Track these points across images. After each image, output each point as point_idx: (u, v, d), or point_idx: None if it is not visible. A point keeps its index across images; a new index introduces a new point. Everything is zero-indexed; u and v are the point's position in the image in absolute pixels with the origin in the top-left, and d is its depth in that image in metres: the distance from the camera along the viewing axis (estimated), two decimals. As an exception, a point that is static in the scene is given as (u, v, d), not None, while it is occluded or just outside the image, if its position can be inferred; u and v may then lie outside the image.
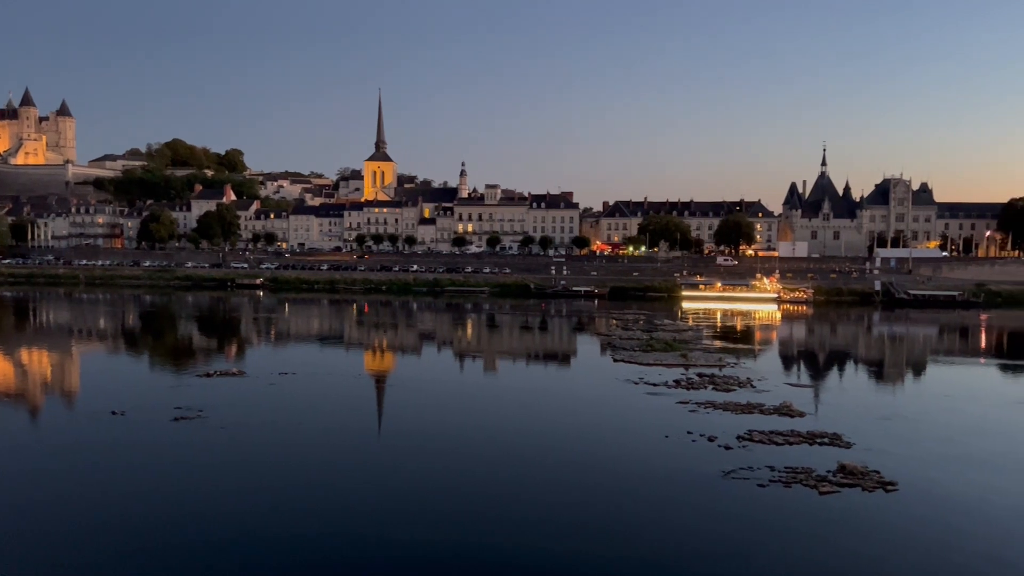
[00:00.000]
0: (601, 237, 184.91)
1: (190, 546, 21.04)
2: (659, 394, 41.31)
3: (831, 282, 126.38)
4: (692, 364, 51.09)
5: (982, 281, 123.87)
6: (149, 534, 21.76)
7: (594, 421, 36.27)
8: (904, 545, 21.47)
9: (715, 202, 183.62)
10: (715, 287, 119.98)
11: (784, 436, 31.75)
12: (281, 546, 21.10)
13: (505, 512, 23.89)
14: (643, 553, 20.92)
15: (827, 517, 23.47)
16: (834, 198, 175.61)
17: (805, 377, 52.13)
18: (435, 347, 69.40)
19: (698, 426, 33.70)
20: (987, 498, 25.38)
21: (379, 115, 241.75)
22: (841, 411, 38.54)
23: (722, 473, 27.03)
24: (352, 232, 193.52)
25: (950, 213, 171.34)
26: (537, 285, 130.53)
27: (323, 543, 21.29)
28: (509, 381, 50.04)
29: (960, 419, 37.62)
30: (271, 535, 21.86)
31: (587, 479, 27.22)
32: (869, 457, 28.78)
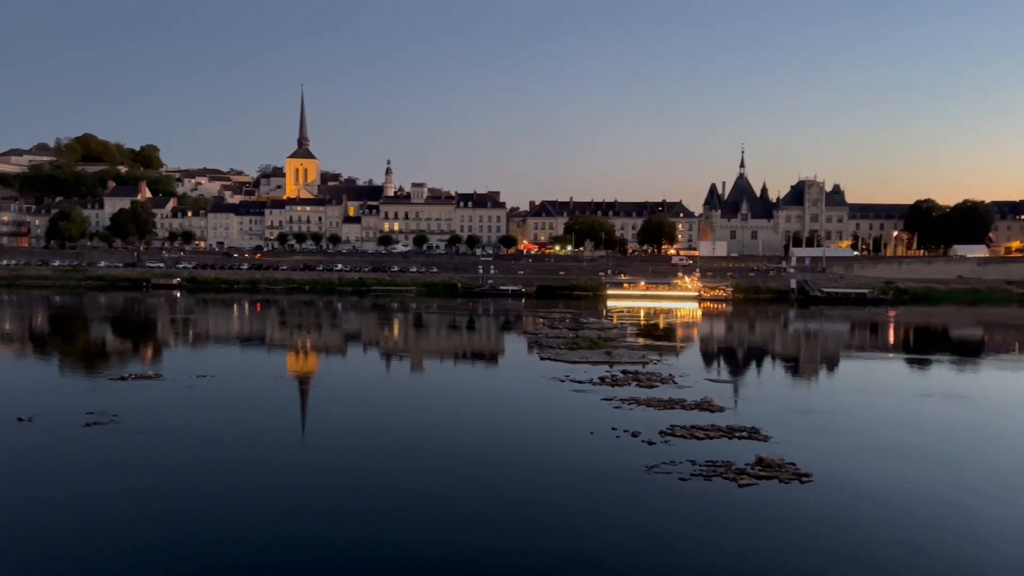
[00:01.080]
0: (528, 236, 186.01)
1: (101, 555, 20.19)
2: (585, 391, 41.77)
3: (749, 280, 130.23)
4: (617, 361, 51.85)
5: (890, 279, 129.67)
6: (59, 543, 20.79)
7: (521, 418, 36.41)
8: (819, 534, 22.24)
9: (638, 202, 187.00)
10: (639, 286, 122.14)
11: (705, 431, 32.51)
12: (198, 553, 20.46)
13: (432, 510, 23.74)
14: (570, 547, 21.08)
15: (746, 509, 24.13)
16: (752, 199, 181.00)
17: (725, 373, 53.54)
18: (361, 347, 68.55)
19: (622, 422, 34.20)
20: (898, 487, 26.50)
21: (302, 111, 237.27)
22: (759, 405, 39.70)
23: (645, 468, 27.49)
24: (274, 231, 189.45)
25: (861, 214, 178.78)
26: (464, 284, 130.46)
27: (243, 548, 20.74)
28: (436, 380, 49.81)
29: (871, 412, 39.23)
30: (188, 542, 21.17)
31: (514, 476, 27.29)
32: (785, 450, 29.71)
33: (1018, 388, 49.96)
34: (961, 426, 36.30)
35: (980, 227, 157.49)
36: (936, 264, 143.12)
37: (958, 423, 36.96)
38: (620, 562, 20.31)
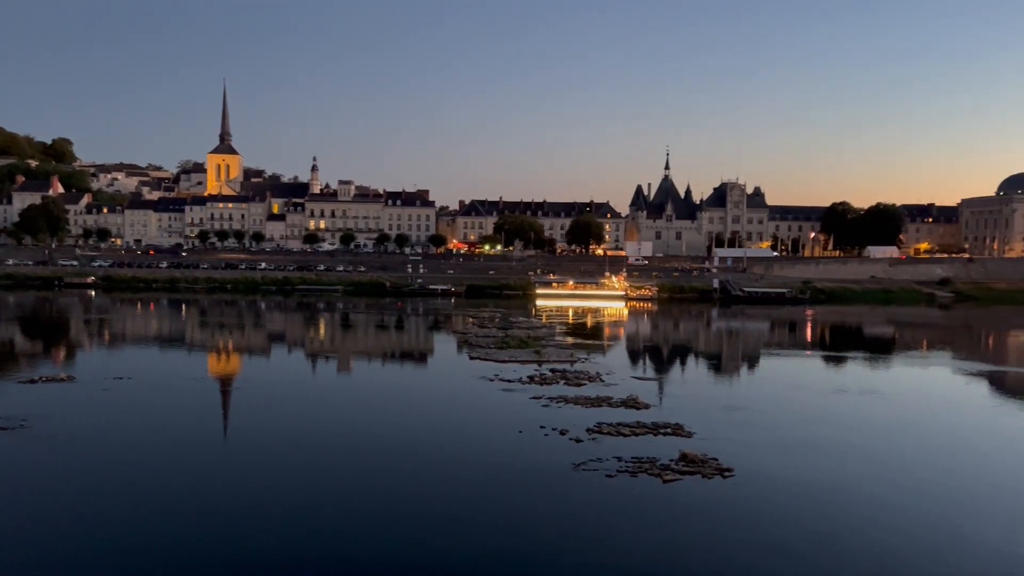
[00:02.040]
0: (458, 235, 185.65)
1: (9, 564, 19.24)
2: (514, 390, 41.94)
3: (674, 280, 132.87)
4: (545, 360, 52.22)
5: (808, 279, 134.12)
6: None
7: (450, 418, 36.32)
8: (740, 527, 22.86)
9: (567, 203, 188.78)
10: (567, 285, 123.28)
11: (631, 428, 33.05)
12: (110, 561, 19.71)
13: (358, 510, 23.44)
14: (498, 544, 21.12)
15: (670, 504, 24.64)
16: (676, 200, 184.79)
17: (650, 371, 54.52)
18: (286, 348, 67.23)
19: (551, 420, 34.46)
20: (815, 480, 27.47)
21: (224, 106, 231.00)
22: (683, 402, 40.59)
23: (573, 465, 27.77)
24: (194, 228, 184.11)
25: (780, 216, 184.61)
26: (393, 283, 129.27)
27: (161, 555, 20.07)
28: (364, 381, 49.24)
29: (791, 407, 40.58)
30: (100, 549, 20.37)
31: (443, 475, 27.21)
32: (708, 445, 30.44)
33: (927, 384, 52.38)
34: (875, 421, 37.85)
35: (892, 229, 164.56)
36: (850, 265, 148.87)
37: (872, 418, 38.52)
38: (548, 558, 20.45)
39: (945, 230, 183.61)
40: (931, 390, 49.41)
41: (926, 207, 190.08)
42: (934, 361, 64.91)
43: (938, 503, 25.36)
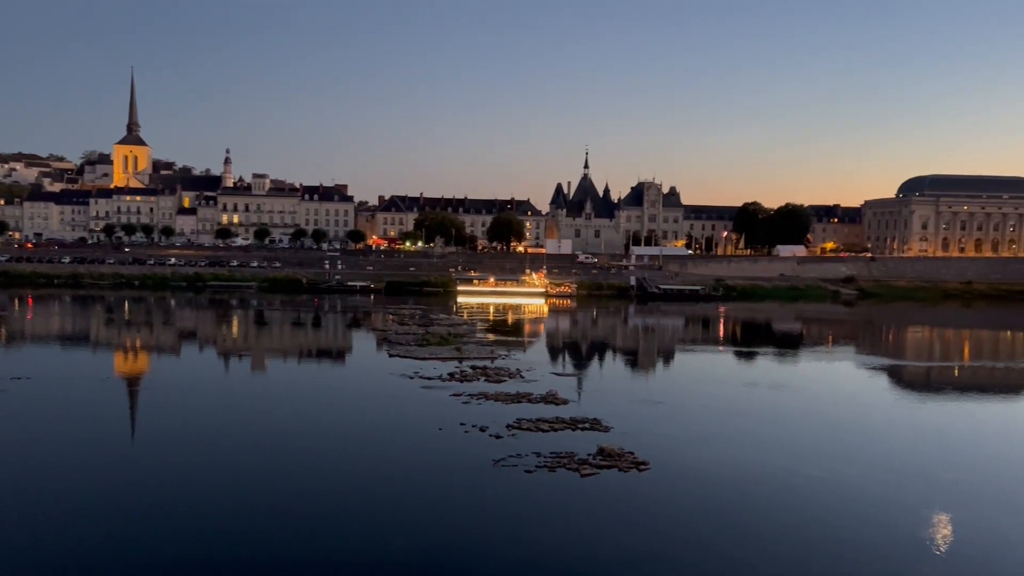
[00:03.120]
0: (377, 231, 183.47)
1: None
2: (434, 387, 41.71)
3: (593, 277, 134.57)
4: (466, 357, 52.14)
5: (721, 277, 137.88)
6: None
7: (369, 416, 35.86)
8: (655, 519, 23.33)
9: (488, 200, 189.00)
10: (489, 282, 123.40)
11: (550, 423, 33.31)
12: (12, 568, 18.64)
13: (274, 509, 22.87)
14: (418, 542, 20.95)
15: (588, 498, 24.94)
16: (595, 199, 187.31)
17: (570, 367, 55.11)
18: (197, 346, 65.10)
19: (471, 417, 34.42)
20: (728, 472, 28.25)
21: (132, 95, 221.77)
22: (601, 397, 41.17)
23: (493, 461, 27.80)
24: (100, 222, 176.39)
25: (695, 215, 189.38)
26: (310, 280, 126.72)
27: (68, 558, 19.10)
28: (279, 379, 48.11)
29: (704, 401, 41.65)
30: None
31: (362, 474, 26.84)
32: (625, 440, 30.95)
33: (833, 377, 54.58)
34: (785, 413, 39.25)
35: (800, 229, 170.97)
36: (761, 263, 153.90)
37: (782, 410, 39.94)
38: (468, 555, 20.40)
39: (850, 230, 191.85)
40: (837, 383, 51.52)
41: (832, 208, 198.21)
42: (839, 356, 67.73)
43: (846, 491, 26.43)
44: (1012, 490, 27.05)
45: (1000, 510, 24.71)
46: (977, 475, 28.65)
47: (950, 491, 26.54)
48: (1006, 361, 66.96)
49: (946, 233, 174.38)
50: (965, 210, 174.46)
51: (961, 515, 24.00)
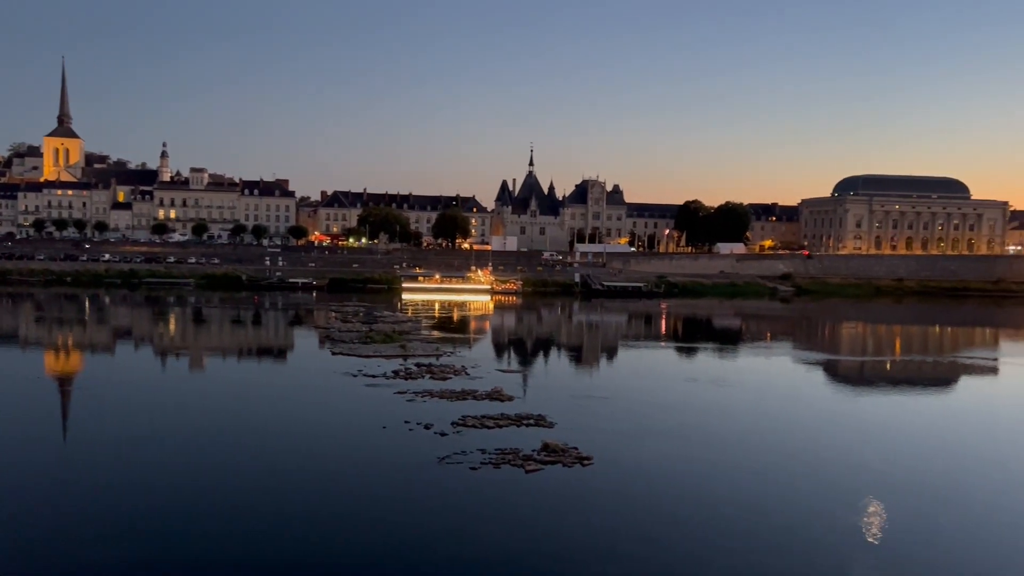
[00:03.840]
0: (320, 227, 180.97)
1: None
2: (378, 385, 41.37)
3: (538, 274, 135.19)
4: (411, 355, 51.84)
5: (663, 274, 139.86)
6: None
7: (312, 415, 35.37)
8: (597, 513, 23.56)
9: (433, 196, 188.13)
10: (434, 279, 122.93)
11: (495, 420, 33.36)
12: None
13: (214, 510, 22.39)
14: (362, 541, 20.76)
15: (532, 494, 25.04)
16: (540, 196, 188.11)
17: (515, 363, 55.27)
18: (132, 345, 63.31)
19: (415, 415, 34.24)
20: (669, 465, 28.71)
21: (63, 86, 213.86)
22: (546, 393, 41.41)
23: (438, 459, 27.70)
24: (29, 216, 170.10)
25: (637, 213, 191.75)
26: (250, 277, 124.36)
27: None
28: (219, 378, 47.09)
29: (647, 396, 42.23)
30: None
31: (304, 474, 26.46)
32: (569, 435, 31.16)
33: (770, 372, 55.86)
34: (724, 407, 40.02)
35: (739, 227, 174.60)
36: (702, 260, 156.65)
37: (722, 405, 40.71)
38: (412, 552, 20.29)
39: (787, 228, 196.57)
40: (775, 378, 52.74)
41: (770, 206, 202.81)
42: (777, 351, 69.38)
43: (785, 482, 27.12)
44: (943, 480, 28.11)
45: (932, 500, 25.66)
46: (910, 466, 29.66)
47: (885, 481, 27.41)
48: (935, 355, 69.51)
49: (879, 231, 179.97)
50: (897, 209, 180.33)
51: (895, 504, 24.81)
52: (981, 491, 26.72)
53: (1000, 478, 28.38)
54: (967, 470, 29.50)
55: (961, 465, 30.19)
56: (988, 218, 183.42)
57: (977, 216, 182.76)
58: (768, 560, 20.52)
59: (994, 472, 29.26)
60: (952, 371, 57.47)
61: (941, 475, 28.74)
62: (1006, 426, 37.73)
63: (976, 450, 32.72)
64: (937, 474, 28.86)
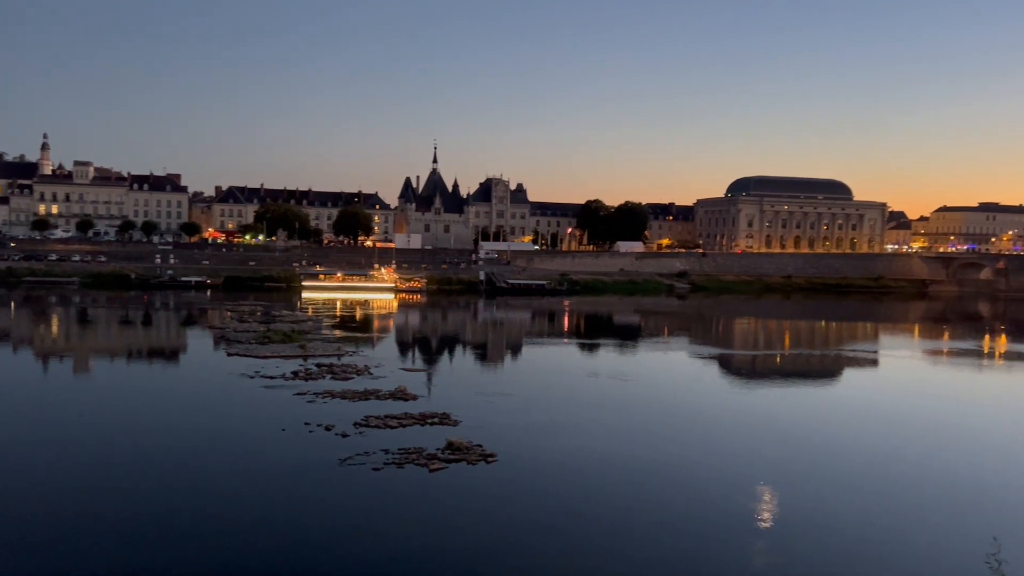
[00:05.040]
0: (214, 224, 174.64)
1: None
2: (276, 387, 40.25)
3: (442, 272, 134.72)
4: (311, 355, 50.69)
5: (565, 271, 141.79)
6: None
7: (206, 419, 34.06)
8: (502, 509, 23.64)
9: (334, 192, 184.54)
10: (336, 277, 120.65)
11: (398, 419, 33.01)
12: None
13: (108, 519, 21.22)
14: (262, 544, 20.13)
15: (436, 492, 24.88)
16: (445, 194, 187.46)
17: (419, 362, 54.86)
18: (10, 347, 59.38)
19: (316, 416, 33.49)
20: (571, 460, 29.08)
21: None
22: (450, 391, 41.25)
23: (339, 461, 27.18)
24: None
25: (541, 212, 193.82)
26: (139, 275, 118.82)
27: None
28: (107, 382, 44.73)
29: (550, 392, 42.67)
30: None
31: (199, 479, 25.45)
32: (474, 433, 31.15)
33: (668, 366, 57.46)
34: (625, 402, 40.89)
35: (638, 226, 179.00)
36: (603, 258, 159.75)
37: (622, 399, 41.58)
38: (313, 554, 19.80)
39: (683, 227, 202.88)
40: (672, 372, 54.29)
41: (667, 206, 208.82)
42: (674, 346, 71.45)
43: (684, 472, 27.94)
44: (831, 465, 29.55)
45: (821, 485, 26.93)
46: (800, 454, 31.06)
47: (778, 468, 28.63)
48: (821, 349, 73.12)
49: (769, 231, 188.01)
50: (785, 209, 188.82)
51: (787, 491, 25.97)
52: (866, 476, 28.24)
53: (882, 463, 30.06)
54: (853, 457, 31.08)
55: (847, 452, 31.79)
56: (869, 218, 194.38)
57: (859, 216, 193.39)
58: (669, 547, 21.06)
59: (877, 458, 30.95)
60: (837, 364, 60.59)
61: (829, 462, 30.18)
62: (886, 415, 40.00)
63: (860, 438, 34.53)
64: (825, 461, 30.30)
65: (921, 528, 23.15)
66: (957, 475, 28.80)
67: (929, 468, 29.61)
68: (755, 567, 20.41)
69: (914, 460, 30.66)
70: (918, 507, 25.06)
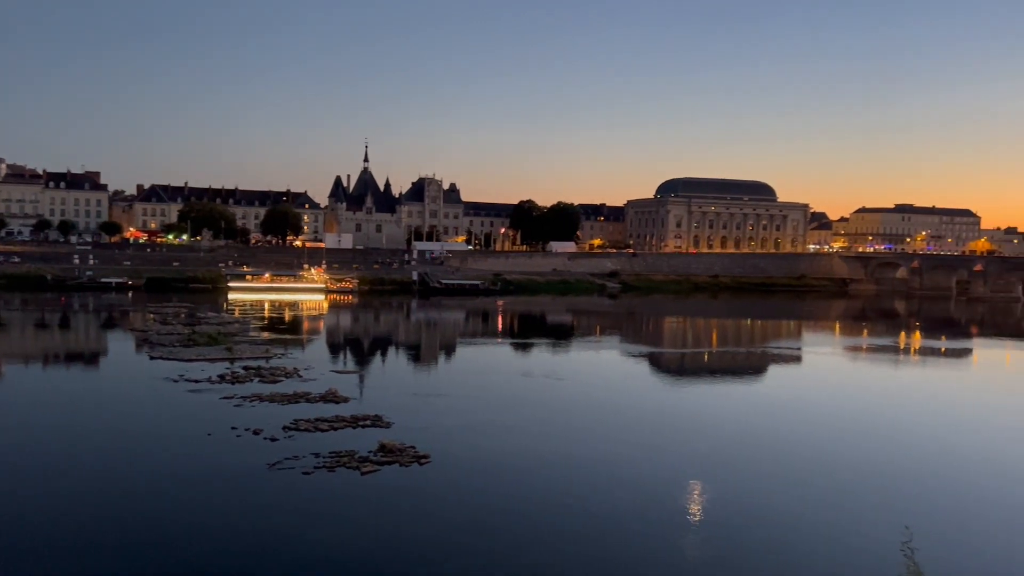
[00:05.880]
0: (136, 223, 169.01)
1: None
2: (202, 391, 39.16)
3: (374, 272, 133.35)
4: (238, 357, 49.50)
5: (499, 271, 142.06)
6: None
7: (128, 424, 32.89)
8: (435, 510, 23.49)
9: (262, 191, 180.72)
10: (264, 278, 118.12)
11: (329, 422, 32.49)
12: None
13: (26, 528, 20.24)
14: (187, 553, 19.52)
15: (369, 495, 24.60)
16: (376, 193, 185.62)
17: (351, 363, 54.16)
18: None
19: (244, 420, 32.70)
20: (505, 459, 29.12)
21: None
22: (383, 393, 40.84)
23: (268, 465, 26.59)
24: None
25: (474, 212, 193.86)
26: (56, 276, 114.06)
27: None
28: (19, 387, 42.72)
29: (483, 392, 42.65)
30: None
31: (121, 484, 24.55)
32: (407, 434, 30.89)
33: (600, 365, 58.12)
34: (559, 400, 41.18)
35: (571, 226, 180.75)
36: (536, 258, 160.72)
37: (556, 397, 41.88)
38: (242, 561, 19.32)
39: (615, 227, 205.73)
40: (604, 370, 54.92)
41: (599, 207, 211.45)
42: (606, 345, 72.35)
43: (615, 469, 28.21)
44: (759, 459, 30.34)
45: (751, 477, 27.65)
46: (729, 447, 31.79)
47: (708, 463, 29.27)
48: (747, 346, 75.08)
49: (697, 231, 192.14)
50: (713, 210, 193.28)
51: (718, 484, 26.58)
52: (791, 468, 29.13)
53: (806, 456, 31.04)
54: (779, 450, 31.99)
55: (773, 446, 32.70)
56: (792, 219, 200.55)
57: (783, 217, 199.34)
58: (604, 544, 21.27)
59: (801, 451, 31.95)
60: (762, 361, 62.30)
61: (756, 455, 30.97)
62: (810, 409, 41.29)
63: (785, 432, 35.57)
64: (753, 455, 31.07)
65: (842, 517, 23.94)
66: (876, 466, 29.91)
67: (850, 460, 30.66)
68: (689, 560, 20.83)
69: (836, 452, 31.70)
70: (839, 497, 25.92)
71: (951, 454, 32.66)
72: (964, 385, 54.02)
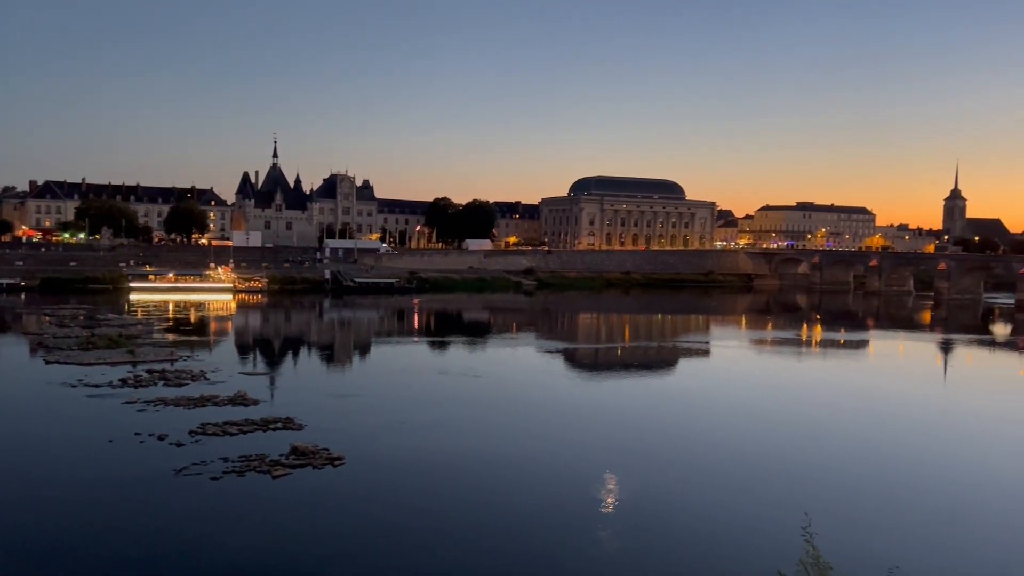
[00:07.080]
0: (28, 221, 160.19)
1: None
2: (102, 396, 37.51)
3: (285, 271, 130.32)
4: (141, 360, 47.62)
5: (415, 269, 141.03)
6: None
7: (23, 430, 31.31)
8: (348, 511, 23.25)
9: (165, 188, 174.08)
10: (168, 278, 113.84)
11: (239, 426, 31.65)
12: None
13: None
14: (90, 564, 18.66)
15: (280, 499, 24.08)
16: (286, 190, 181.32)
17: (261, 365, 52.84)
18: None
19: (147, 425, 31.50)
20: (419, 459, 28.97)
21: None
22: (295, 395, 40.01)
23: (174, 471, 25.71)
24: None
25: (389, 209, 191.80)
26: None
27: None
28: None
29: (398, 392, 42.30)
30: None
31: (18, 494, 23.26)
32: (320, 436, 30.36)
33: (517, 362, 58.39)
34: (476, 397, 41.25)
35: (486, 224, 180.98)
36: (451, 256, 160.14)
37: (473, 395, 41.94)
38: (144, 570, 18.61)
39: (530, 225, 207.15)
40: (521, 367, 55.24)
41: (514, 204, 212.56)
42: (522, 341, 72.77)
43: (532, 464, 28.48)
44: (671, 449, 31.21)
45: (663, 468, 28.40)
46: (642, 439, 32.54)
47: (621, 455, 29.87)
48: (658, 341, 76.88)
49: (609, 229, 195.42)
50: (624, 208, 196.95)
51: (631, 476, 27.16)
52: (701, 458, 30.06)
53: (715, 446, 32.04)
54: (689, 441, 32.93)
55: (684, 437, 33.65)
56: (700, 217, 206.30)
57: (691, 215, 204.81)
58: (522, 538, 21.44)
59: (712, 441, 32.96)
60: (673, 354, 63.92)
61: (668, 446, 31.85)
62: (718, 401, 42.65)
63: (695, 423, 36.63)
64: (665, 445, 31.93)
65: (748, 505, 24.83)
66: (780, 454, 31.13)
67: (756, 449, 31.81)
68: (607, 550, 21.22)
69: (743, 442, 32.83)
70: (746, 484, 26.89)
71: (852, 441, 34.29)
72: (862, 375, 56.79)
